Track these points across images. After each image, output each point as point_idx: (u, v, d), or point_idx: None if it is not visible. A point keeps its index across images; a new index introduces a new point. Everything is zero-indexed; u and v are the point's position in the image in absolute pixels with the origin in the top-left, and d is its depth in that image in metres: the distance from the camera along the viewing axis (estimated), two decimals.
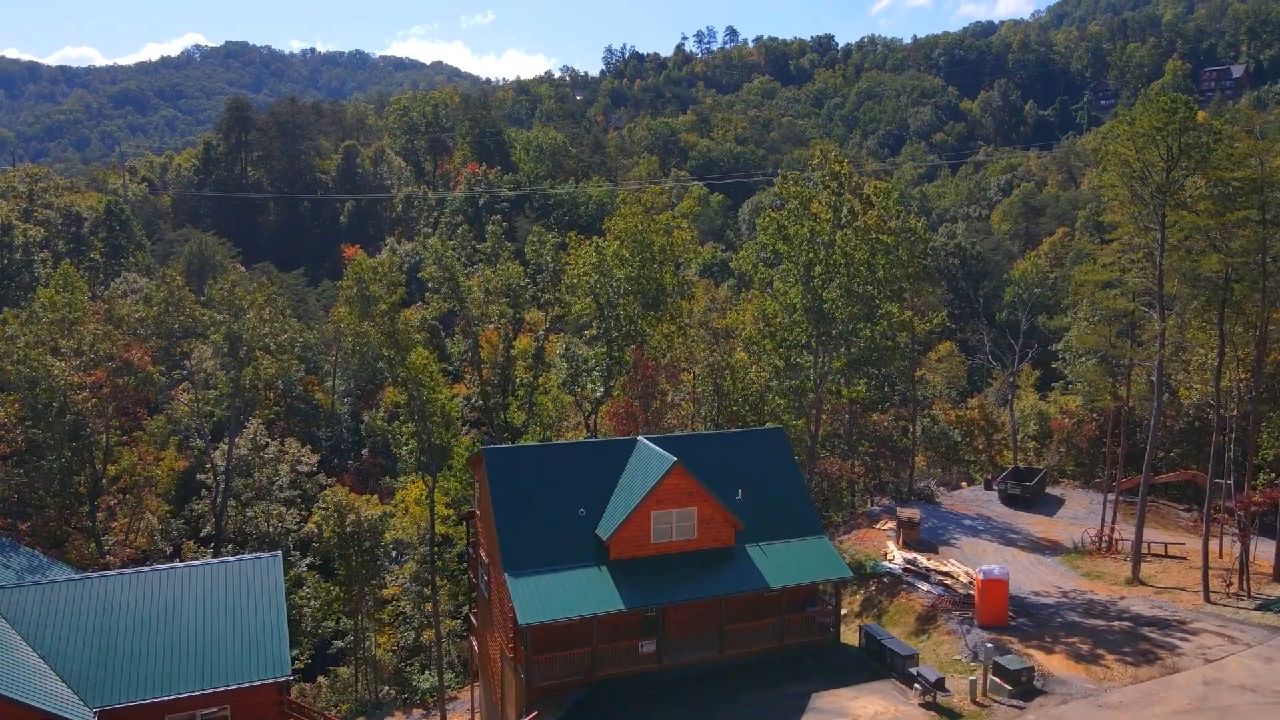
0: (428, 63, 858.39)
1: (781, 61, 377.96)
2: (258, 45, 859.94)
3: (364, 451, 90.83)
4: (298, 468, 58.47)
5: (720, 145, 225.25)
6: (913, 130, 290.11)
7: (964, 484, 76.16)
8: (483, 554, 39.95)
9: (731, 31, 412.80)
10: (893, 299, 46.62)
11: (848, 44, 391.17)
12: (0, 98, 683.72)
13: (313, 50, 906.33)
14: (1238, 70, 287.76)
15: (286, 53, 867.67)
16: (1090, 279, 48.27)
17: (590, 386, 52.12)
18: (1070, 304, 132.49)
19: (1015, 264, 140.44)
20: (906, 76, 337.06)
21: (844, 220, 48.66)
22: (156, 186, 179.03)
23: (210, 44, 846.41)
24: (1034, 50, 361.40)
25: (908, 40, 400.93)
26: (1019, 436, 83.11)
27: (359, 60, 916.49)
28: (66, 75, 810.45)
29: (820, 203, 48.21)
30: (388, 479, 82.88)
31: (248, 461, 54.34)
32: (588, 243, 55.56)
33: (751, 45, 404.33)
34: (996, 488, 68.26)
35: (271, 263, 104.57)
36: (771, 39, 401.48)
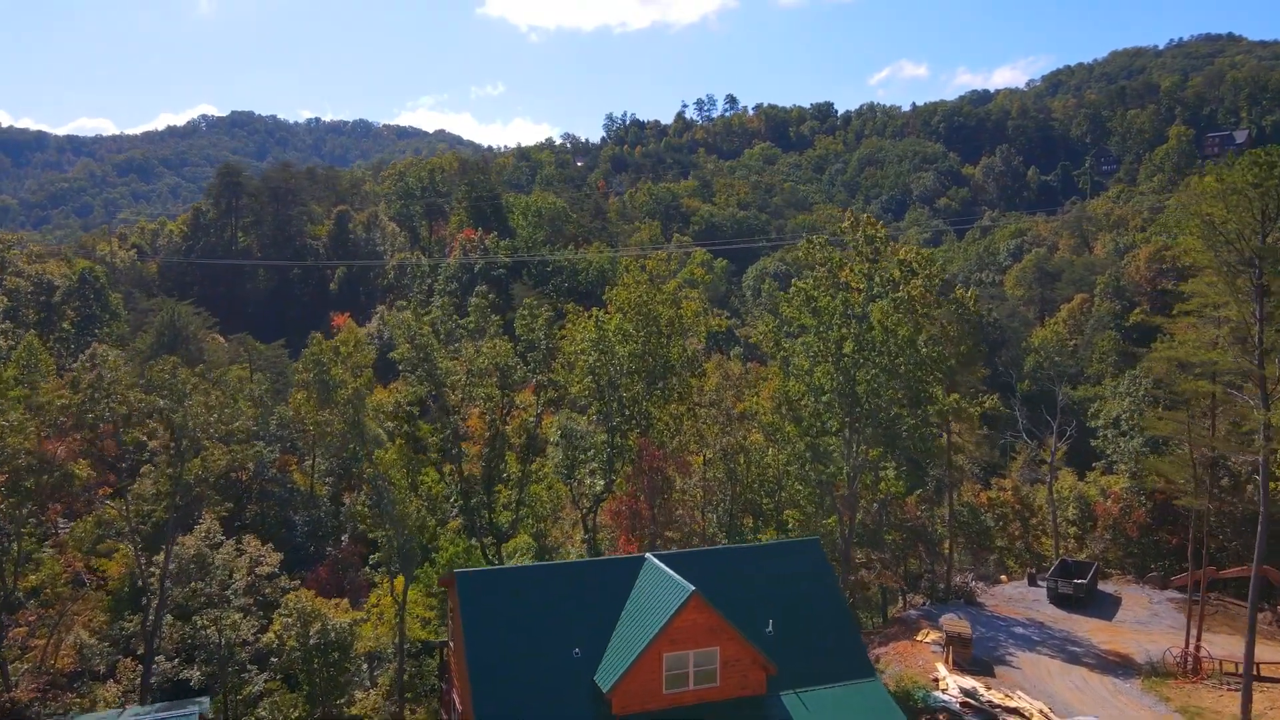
0: (431, 131, 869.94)
1: (782, 128, 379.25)
2: (263, 115, 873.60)
3: (344, 538, 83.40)
4: (256, 569, 51.23)
5: (723, 210, 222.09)
6: (915, 195, 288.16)
7: (1004, 578, 68.67)
8: (455, 697, 32.74)
9: (732, 99, 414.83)
10: (940, 382, 40.19)
11: (847, 111, 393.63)
12: (7, 166, 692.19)
13: (317, 119, 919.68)
14: (1240, 135, 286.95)
15: (291, 122, 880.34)
16: (1170, 356, 41.73)
17: (589, 481, 45.51)
18: (1095, 374, 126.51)
19: (1033, 332, 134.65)
20: (907, 143, 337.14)
21: (878, 290, 42.55)
22: (147, 253, 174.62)
23: (218, 113, 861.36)
24: (1033, 117, 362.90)
25: (906, 108, 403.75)
26: (1058, 522, 75.85)
27: (363, 129, 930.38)
28: (74, 144, 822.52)
29: (852, 270, 42.19)
30: (368, 570, 75.50)
31: (197, 564, 47.31)
32: (586, 315, 49.51)
33: (752, 113, 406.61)
34: (1045, 585, 60.93)
35: (248, 334, 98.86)
36: (771, 106, 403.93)
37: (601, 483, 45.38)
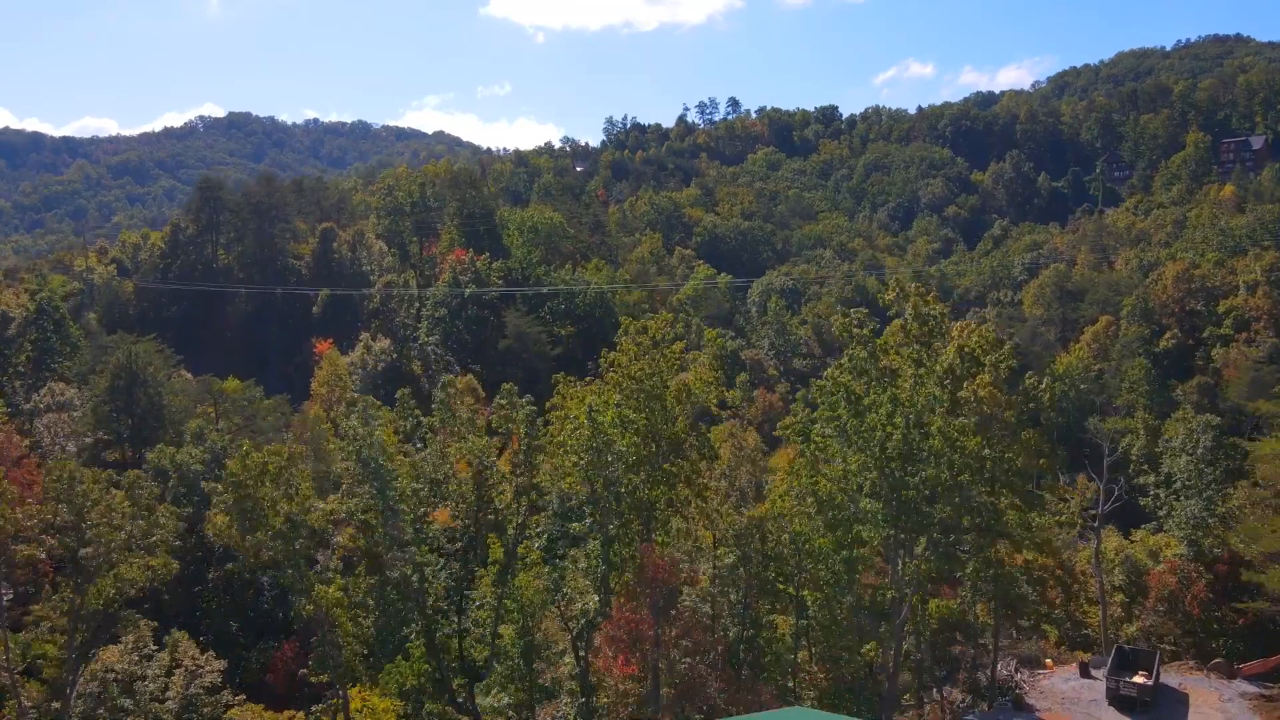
0: (430, 132, 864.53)
1: (785, 132, 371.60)
2: (260, 116, 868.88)
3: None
4: (195, 683, 43.97)
5: (726, 221, 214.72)
6: (924, 203, 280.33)
7: (1048, 663, 61.23)
8: None
9: (734, 103, 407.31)
10: (1015, 507, 32.80)
11: (852, 114, 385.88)
12: (2, 168, 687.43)
13: (316, 121, 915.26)
14: (1257, 142, 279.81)
15: (289, 123, 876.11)
16: None
17: (580, 603, 38.14)
18: (1126, 404, 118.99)
19: (1057, 357, 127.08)
20: (914, 148, 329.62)
21: (925, 374, 35.17)
22: (128, 268, 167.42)
23: (217, 114, 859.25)
24: (1041, 121, 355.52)
25: (912, 110, 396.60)
26: (1105, 590, 68.26)
27: (361, 130, 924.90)
28: (69, 145, 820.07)
29: (899, 354, 34.86)
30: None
31: (119, 685, 40.11)
32: (575, 391, 41.98)
33: (755, 116, 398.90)
34: (1100, 680, 53.69)
35: (225, 359, 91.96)
36: (775, 109, 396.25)
37: (595, 599, 38.10)
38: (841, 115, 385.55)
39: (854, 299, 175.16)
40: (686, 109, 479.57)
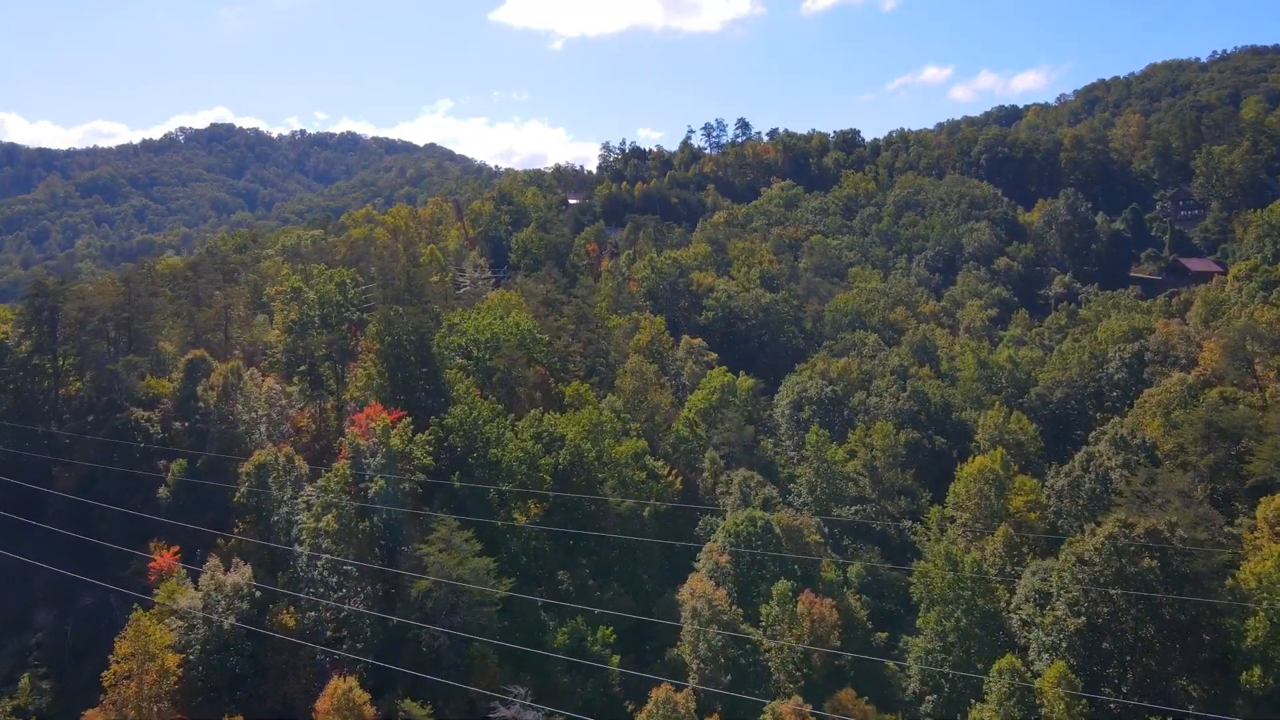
0: (421, 145, 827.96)
1: (801, 159, 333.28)
2: (245, 128, 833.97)
3: None
4: None
5: (743, 291, 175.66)
6: (968, 253, 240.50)
7: None
8: None
9: (744, 124, 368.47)
10: None
11: (875, 140, 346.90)
12: None
13: (302, 132, 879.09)
14: None
15: (274, 135, 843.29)
16: None
17: None
18: None
19: (1244, 557, 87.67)
20: (949, 182, 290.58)
21: None
22: None
23: (197, 125, 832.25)
24: (1089, 148, 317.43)
25: (932, 125, 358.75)
26: None
27: (350, 142, 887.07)
28: (44, 158, 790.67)
29: None
30: None
31: None
32: None
33: (767, 140, 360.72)
34: None
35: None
36: (789, 134, 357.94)
37: None
38: (863, 140, 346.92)
39: (911, 410, 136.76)
40: (691, 131, 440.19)
